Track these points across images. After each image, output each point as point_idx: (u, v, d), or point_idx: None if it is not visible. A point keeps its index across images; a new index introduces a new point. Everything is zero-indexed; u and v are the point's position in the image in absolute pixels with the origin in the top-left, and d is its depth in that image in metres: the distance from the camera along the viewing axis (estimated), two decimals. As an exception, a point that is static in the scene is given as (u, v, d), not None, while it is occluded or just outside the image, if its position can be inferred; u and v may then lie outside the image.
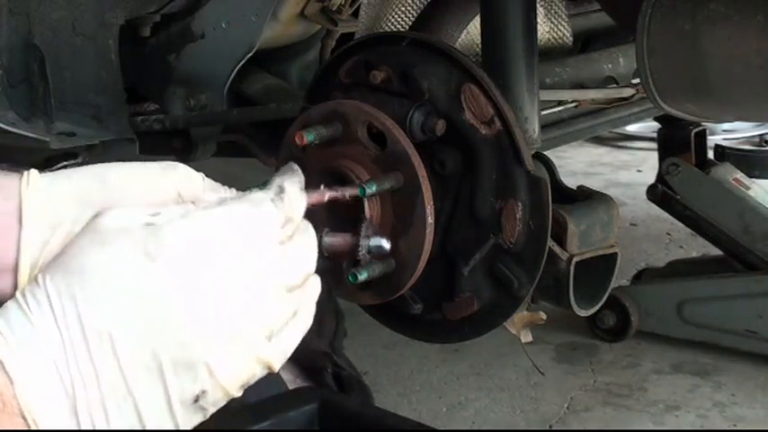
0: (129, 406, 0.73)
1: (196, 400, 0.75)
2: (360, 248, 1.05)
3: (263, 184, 0.87)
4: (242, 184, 1.04)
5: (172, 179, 0.88)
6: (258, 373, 0.79)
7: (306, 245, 0.84)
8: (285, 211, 0.82)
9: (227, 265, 0.77)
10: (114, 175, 0.89)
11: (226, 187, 0.92)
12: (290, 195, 0.83)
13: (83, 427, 0.73)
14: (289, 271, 0.81)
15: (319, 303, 0.85)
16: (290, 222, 0.82)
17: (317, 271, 0.85)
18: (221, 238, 0.77)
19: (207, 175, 0.96)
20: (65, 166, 2.02)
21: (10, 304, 0.74)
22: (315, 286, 0.84)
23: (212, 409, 0.77)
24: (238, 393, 0.78)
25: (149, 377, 0.74)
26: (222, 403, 0.78)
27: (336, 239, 1.00)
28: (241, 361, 0.77)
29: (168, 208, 0.80)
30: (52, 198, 0.87)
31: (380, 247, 1.06)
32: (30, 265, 0.85)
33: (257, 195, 0.83)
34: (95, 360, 0.73)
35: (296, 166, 0.88)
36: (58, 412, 0.72)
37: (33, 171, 0.86)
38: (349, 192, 1.20)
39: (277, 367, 0.80)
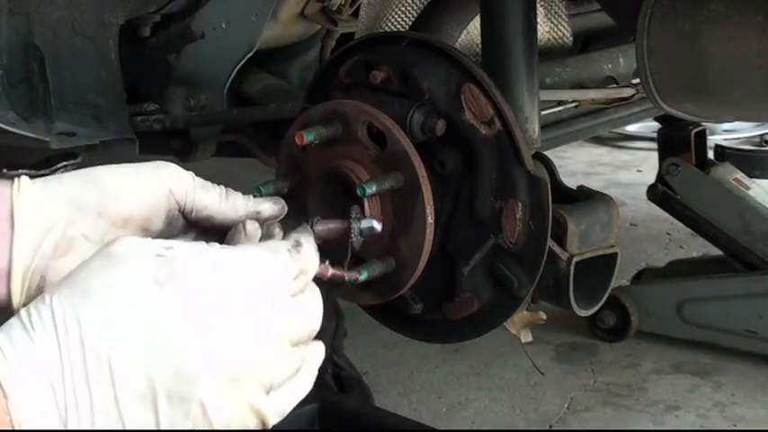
0: None
1: None
2: (352, 231, 1.05)
3: (263, 184, 0.88)
4: (242, 184, 1.04)
5: (164, 178, 0.88)
6: (251, 424, 0.78)
7: (314, 301, 0.84)
8: (300, 263, 0.82)
9: (237, 304, 0.77)
10: (106, 178, 0.90)
11: (216, 185, 0.92)
12: (307, 249, 0.84)
13: None
14: (296, 324, 0.81)
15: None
16: (302, 275, 0.83)
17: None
18: (233, 278, 0.77)
19: (207, 175, 0.96)
20: (65, 167, 2.02)
21: (14, 321, 0.74)
22: (319, 351, 0.84)
23: None
24: None
25: (143, 406, 0.74)
26: None
27: (328, 225, 1.00)
28: (236, 407, 0.77)
29: (184, 243, 0.80)
30: (44, 202, 0.87)
31: (372, 228, 1.06)
32: (22, 270, 0.85)
33: (275, 243, 0.83)
34: (91, 382, 0.73)
35: (309, 228, 0.90)
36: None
37: (24, 177, 0.86)
38: (350, 275, 1.14)
39: (271, 424, 0.79)
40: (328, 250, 0.93)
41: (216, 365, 0.75)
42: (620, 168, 4.78)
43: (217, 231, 0.94)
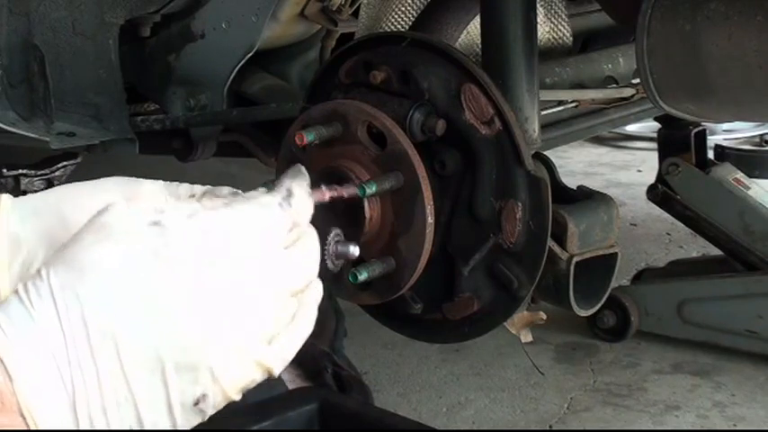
0: (128, 406, 0.73)
1: (196, 403, 0.75)
2: (327, 252, 1.06)
3: (265, 184, 0.87)
4: (242, 184, 1.04)
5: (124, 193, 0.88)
6: (258, 377, 0.79)
7: (310, 250, 0.83)
8: (292, 215, 0.82)
9: (233, 268, 0.77)
10: (76, 216, 0.89)
11: (190, 194, 0.92)
12: (298, 200, 0.83)
13: (81, 426, 0.72)
14: (292, 276, 0.81)
15: (320, 304, 0.85)
16: (296, 227, 0.82)
17: (320, 276, 0.85)
18: (227, 241, 0.77)
19: (207, 175, 0.96)
20: (65, 167, 2.03)
21: (11, 298, 0.74)
22: (317, 291, 0.84)
23: (211, 412, 0.77)
24: (238, 397, 0.78)
25: (151, 379, 0.73)
26: (221, 406, 0.78)
27: None
28: (242, 365, 0.77)
29: (175, 206, 0.79)
30: (16, 234, 0.88)
31: (347, 253, 1.07)
32: None
33: (265, 198, 0.82)
34: (97, 359, 0.72)
35: (303, 169, 0.88)
36: (56, 410, 0.72)
37: (5, 201, 0.87)
38: (348, 191, 1.20)
39: (277, 372, 0.80)
40: None
41: (220, 331, 0.75)
42: (620, 168, 4.78)
43: None
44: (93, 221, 0.77)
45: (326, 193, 1.06)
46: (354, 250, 1.06)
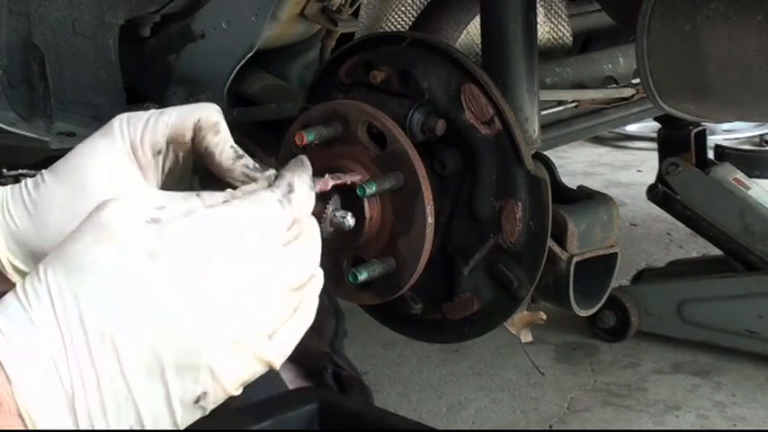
0: (129, 406, 0.73)
1: (197, 400, 0.75)
2: (324, 217, 1.05)
3: (260, 168, 0.87)
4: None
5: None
6: (259, 371, 0.79)
7: (310, 244, 0.83)
8: (293, 212, 0.82)
9: (232, 267, 0.76)
10: (55, 223, 0.91)
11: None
12: (299, 195, 0.83)
13: (81, 427, 0.72)
14: (293, 273, 0.80)
15: (319, 304, 0.85)
16: (296, 223, 0.82)
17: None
18: (226, 240, 0.77)
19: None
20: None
21: (9, 299, 0.74)
22: (318, 282, 0.83)
23: (212, 407, 0.77)
24: (238, 392, 0.78)
25: (151, 379, 0.73)
26: (222, 401, 0.78)
27: None
28: (242, 361, 0.77)
29: (173, 202, 0.79)
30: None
31: (344, 222, 1.07)
32: None
33: (265, 194, 0.82)
34: (96, 360, 0.72)
35: (305, 160, 0.87)
36: (56, 412, 0.72)
37: None
38: (351, 178, 1.20)
39: (278, 365, 0.79)
40: None
41: (219, 331, 0.75)
42: (620, 168, 4.79)
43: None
44: (91, 219, 0.76)
45: (329, 182, 1.06)
46: (351, 221, 1.04)
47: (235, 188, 0.86)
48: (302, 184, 0.83)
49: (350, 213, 1.04)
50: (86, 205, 0.83)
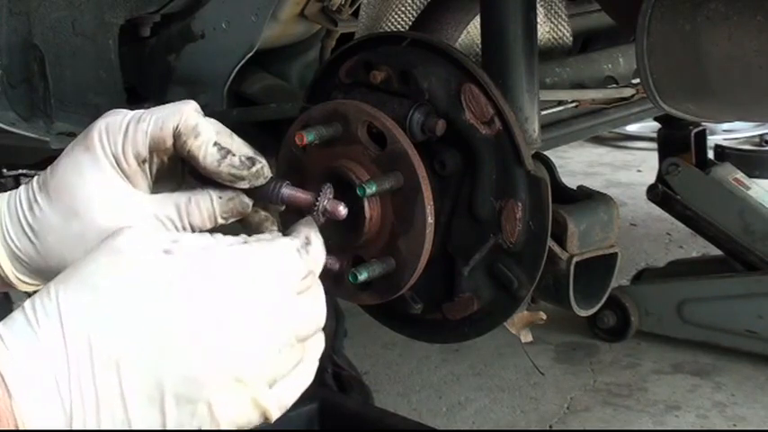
0: None
1: None
2: (316, 207, 1.05)
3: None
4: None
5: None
6: (255, 420, 0.78)
7: (320, 297, 0.84)
8: (309, 263, 0.82)
9: (244, 306, 0.77)
10: (54, 239, 0.91)
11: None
12: (316, 248, 0.84)
13: None
14: (302, 323, 0.81)
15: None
16: (311, 275, 0.83)
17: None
18: (241, 278, 0.77)
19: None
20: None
21: (17, 315, 0.74)
22: (319, 341, 0.84)
23: None
24: None
25: (150, 407, 0.73)
26: None
27: (296, 193, 1.01)
28: (241, 404, 0.77)
29: (189, 237, 0.79)
30: None
31: (335, 212, 1.06)
32: None
33: (284, 241, 0.83)
34: (98, 382, 0.72)
35: (313, 221, 0.90)
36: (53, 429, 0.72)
37: None
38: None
39: (274, 418, 0.79)
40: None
41: (223, 367, 0.75)
42: (620, 168, 4.79)
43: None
44: (107, 243, 0.77)
45: (336, 264, 1.06)
46: (343, 210, 1.04)
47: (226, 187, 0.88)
48: (317, 240, 0.85)
49: (342, 203, 1.03)
50: (81, 228, 0.85)
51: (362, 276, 1.22)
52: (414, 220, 1.25)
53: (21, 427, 0.70)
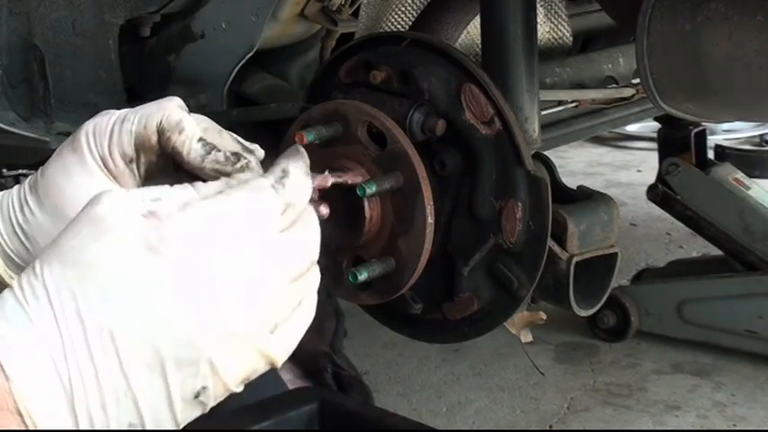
0: (128, 402, 0.73)
1: (197, 395, 0.75)
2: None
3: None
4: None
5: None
6: (261, 368, 0.78)
7: (309, 231, 0.82)
8: (286, 196, 0.80)
9: (229, 258, 0.76)
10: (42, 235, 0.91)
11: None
12: (293, 180, 0.81)
13: (81, 425, 0.72)
14: (291, 260, 0.79)
15: (319, 303, 0.84)
16: (290, 208, 0.80)
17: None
18: (222, 231, 0.76)
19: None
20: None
21: (7, 296, 0.73)
22: (315, 276, 0.82)
23: (212, 404, 0.76)
24: (239, 389, 0.77)
25: (151, 374, 0.73)
26: (222, 398, 0.77)
27: None
28: (244, 356, 0.76)
29: (169, 193, 0.78)
30: None
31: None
32: None
33: (259, 181, 0.81)
34: (95, 357, 0.72)
35: (302, 149, 0.86)
36: (55, 409, 0.71)
37: None
38: (352, 179, 1.19)
39: (280, 362, 0.78)
40: None
41: (218, 324, 0.74)
42: (620, 168, 4.79)
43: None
44: (86, 212, 0.76)
45: (329, 179, 1.04)
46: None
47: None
48: (296, 170, 0.82)
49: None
50: None
51: (362, 276, 1.22)
52: (414, 220, 1.25)
53: (22, 410, 0.70)
